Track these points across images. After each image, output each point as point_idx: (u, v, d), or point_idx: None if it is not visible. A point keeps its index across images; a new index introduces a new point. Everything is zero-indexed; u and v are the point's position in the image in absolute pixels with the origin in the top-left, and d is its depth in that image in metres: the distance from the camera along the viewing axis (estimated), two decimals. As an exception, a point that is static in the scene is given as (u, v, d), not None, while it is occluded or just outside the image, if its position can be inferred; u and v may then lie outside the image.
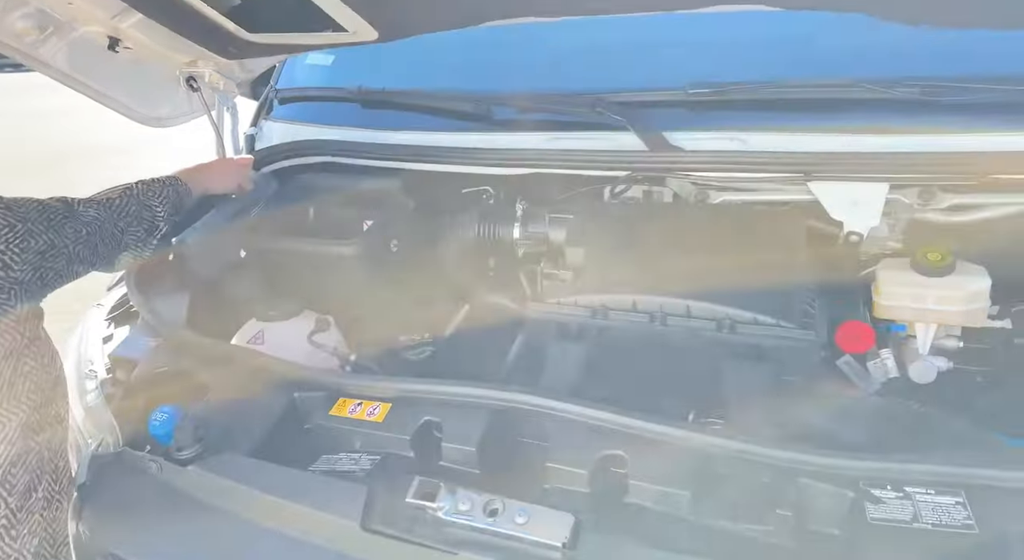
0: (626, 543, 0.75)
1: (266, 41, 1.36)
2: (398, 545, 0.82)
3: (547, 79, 1.61)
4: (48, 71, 1.35)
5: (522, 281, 1.30)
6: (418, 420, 0.96)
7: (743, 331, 1.02)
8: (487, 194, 1.64)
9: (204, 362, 1.11)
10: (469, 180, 1.59)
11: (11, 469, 0.90)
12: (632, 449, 0.84)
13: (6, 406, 0.89)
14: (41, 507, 0.94)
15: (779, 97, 1.31)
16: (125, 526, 0.97)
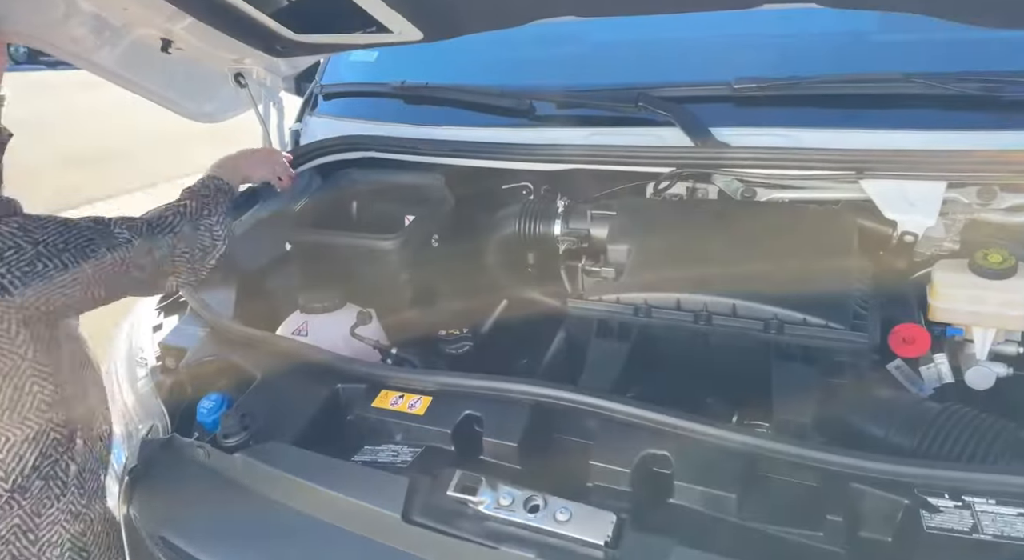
0: (670, 544, 0.74)
1: (311, 41, 1.37)
2: (439, 538, 0.82)
3: (588, 74, 1.60)
4: (104, 73, 1.39)
5: (563, 278, 1.29)
6: (459, 414, 0.96)
7: (791, 332, 1.00)
8: (527, 190, 1.64)
9: (250, 352, 1.13)
10: (510, 176, 1.59)
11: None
12: (677, 449, 0.83)
13: (6, 423, 0.86)
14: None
15: (830, 93, 1.27)
16: (173, 510, 1.00)
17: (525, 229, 1.41)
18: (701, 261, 1.14)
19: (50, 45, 1.26)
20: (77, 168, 7.19)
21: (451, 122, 1.62)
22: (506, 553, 0.78)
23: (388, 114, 1.73)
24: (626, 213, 1.29)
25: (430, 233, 1.40)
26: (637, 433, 0.86)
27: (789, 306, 1.02)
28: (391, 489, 0.86)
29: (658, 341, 1.09)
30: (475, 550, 0.80)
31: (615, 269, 1.19)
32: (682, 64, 1.48)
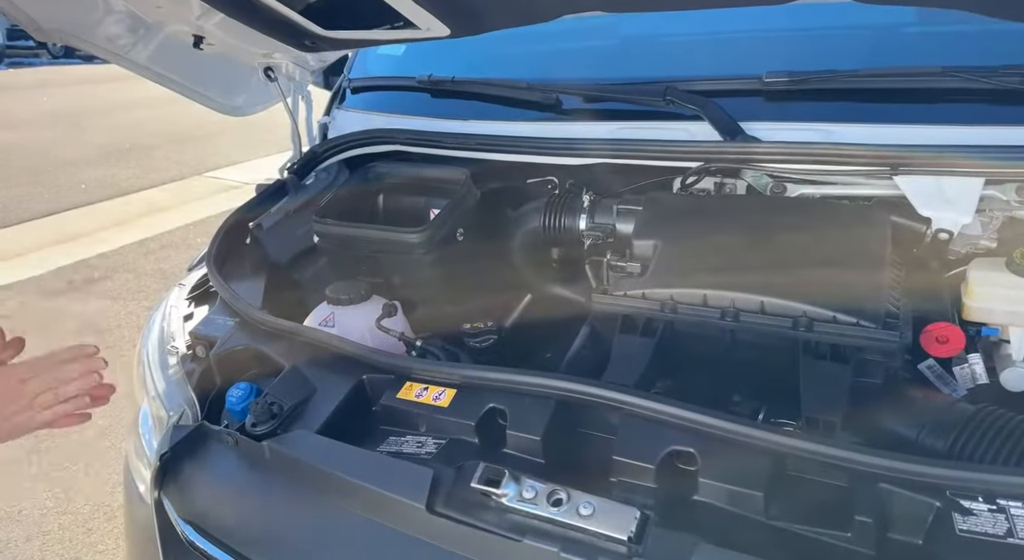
0: (694, 540, 0.73)
1: (339, 37, 1.38)
2: (462, 529, 0.82)
3: (615, 68, 1.59)
4: (138, 69, 1.43)
5: (587, 273, 1.29)
6: (483, 407, 0.96)
7: (821, 330, 0.98)
8: (551, 185, 1.63)
9: (279, 342, 1.15)
10: (535, 170, 1.58)
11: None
12: (702, 446, 0.82)
13: None
14: None
15: (864, 87, 1.25)
16: (202, 496, 1.02)
17: (550, 224, 1.40)
18: (729, 257, 1.13)
19: (88, 43, 1.29)
20: (112, 161, 7.35)
21: (477, 116, 1.62)
22: (529, 546, 0.78)
23: (415, 108, 1.74)
24: (653, 208, 1.28)
25: (455, 227, 1.41)
26: (662, 429, 0.85)
27: (819, 303, 1.00)
28: (416, 480, 0.86)
29: (684, 337, 1.08)
30: (498, 542, 0.80)
31: (641, 264, 1.18)
32: (711, 58, 1.46)
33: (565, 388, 0.91)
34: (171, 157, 7.62)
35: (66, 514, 2.45)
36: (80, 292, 4.27)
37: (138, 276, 4.57)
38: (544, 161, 1.50)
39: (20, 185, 6.38)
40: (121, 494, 2.51)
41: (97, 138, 8.37)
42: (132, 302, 4.17)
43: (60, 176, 6.77)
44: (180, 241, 5.23)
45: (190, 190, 6.57)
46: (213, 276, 1.29)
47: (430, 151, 1.61)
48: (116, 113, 9.69)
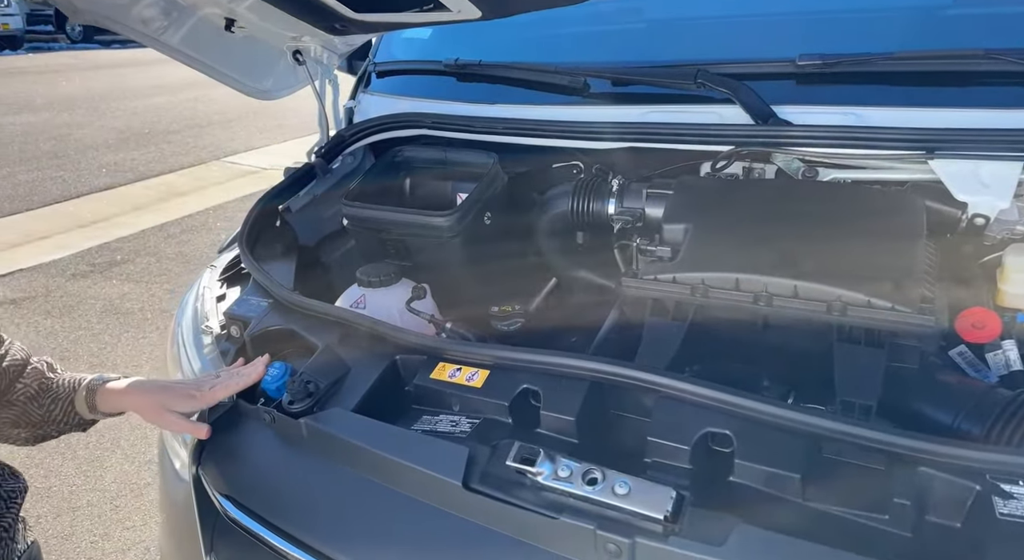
0: (732, 520, 0.74)
1: (370, 20, 1.38)
2: (498, 506, 0.84)
3: (642, 51, 1.58)
4: (169, 52, 1.43)
5: (616, 257, 1.29)
6: (516, 387, 0.97)
7: (855, 314, 0.98)
8: (576, 169, 1.63)
9: (312, 323, 1.16)
10: (560, 154, 1.58)
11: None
12: (738, 428, 0.83)
13: None
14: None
15: (899, 70, 1.23)
16: (239, 472, 1.04)
17: (578, 208, 1.40)
18: (761, 241, 1.12)
19: (122, 25, 1.30)
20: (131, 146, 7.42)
21: (504, 100, 1.62)
22: (565, 523, 0.79)
23: (441, 92, 1.74)
24: (683, 192, 1.28)
25: (483, 211, 1.41)
26: (697, 411, 0.86)
27: (853, 288, 1.00)
28: (452, 458, 0.88)
29: (714, 321, 1.08)
30: (534, 519, 0.81)
31: (671, 249, 1.18)
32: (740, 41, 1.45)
33: (600, 370, 0.91)
34: (189, 142, 7.68)
35: (94, 491, 2.51)
36: (103, 275, 4.33)
37: (159, 259, 4.63)
38: (572, 145, 1.49)
39: (42, 168, 6.46)
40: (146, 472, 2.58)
41: (116, 122, 8.44)
42: (154, 285, 4.23)
43: (80, 160, 6.84)
44: (200, 225, 5.28)
45: (209, 175, 6.62)
46: (246, 258, 1.31)
47: (457, 135, 1.61)
48: (134, 98, 9.77)
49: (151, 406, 1.03)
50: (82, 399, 1.04)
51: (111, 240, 4.92)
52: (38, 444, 1.07)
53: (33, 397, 1.03)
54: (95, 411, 1.05)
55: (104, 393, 1.04)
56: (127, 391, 1.04)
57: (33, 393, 1.03)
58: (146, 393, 1.04)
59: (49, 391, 1.04)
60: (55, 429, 1.05)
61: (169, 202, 5.84)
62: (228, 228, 5.21)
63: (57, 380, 1.05)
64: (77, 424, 1.06)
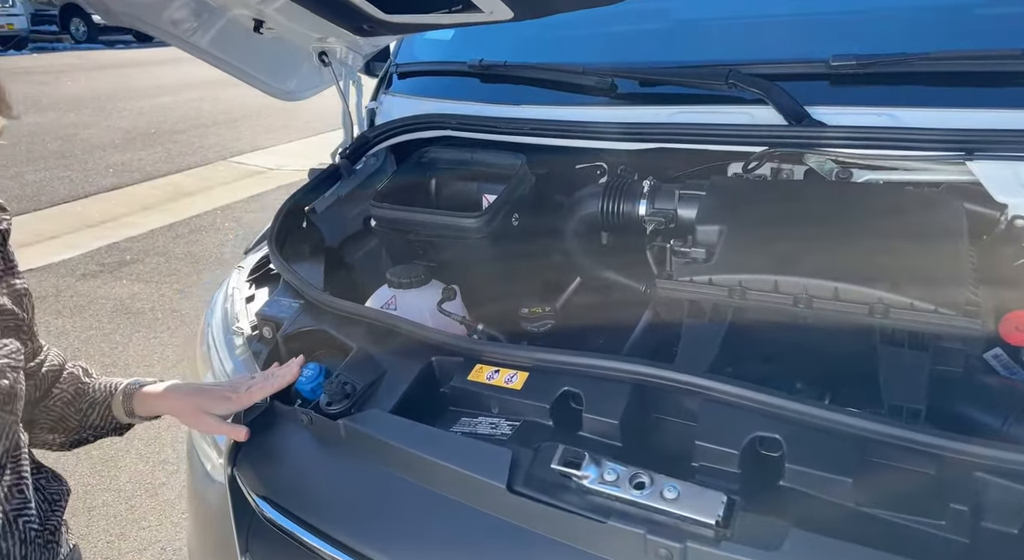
0: (785, 525, 0.73)
1: (400, 21, 1.38)
2: (544, 509, 0.83)
3: (669, 51, 1.58)
4: (198, 53, 1.43)
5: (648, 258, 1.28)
6: (557, 390, 0.97)
7: (898, 317, 0.97)
8: (600, 170, 1.62)
9: (345, 324, 1.15)
10: (586, 155, 1.57)
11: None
12: (788, 432, 0.82)
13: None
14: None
15: (935, 70, 1.22)
16: (276, 473, 1.03)
17: (608, 209, 1.40)
18: (798, 243, 1.12)
19: (152, 27, 1.30)
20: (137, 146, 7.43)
21: (529, 101, 1.61)
22: (614, 527, 0.78)
23: (464, 93, 1.73)
24: (716, 193, 1.27)
25: (512, 212, 1.40)
26: (745, 415, 0.85)
27: (895, 290, 0.99)
28: (495, 460, 0.87)
29: (752, 324, 1.08)
30: (582, 523, 0.81)
31: (705, 250, 1.18)
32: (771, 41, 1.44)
33: (645, 373, 0.91)
34: (195, 142, 7.69)
35: (109, 491, 2.50)
36: (112, 275, 4.33)
37: (169, 260, 4.62)
38: (599, 146, 1.49)
39: (49, 168, 6.47)
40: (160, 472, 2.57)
41: (122, 122, 8.45)
42: (164, 285, 4.22)
43: (87, 160, 6.85)
44: (208, 225, 5.28)
45: (216, 175, 6.62)
46: (276, 259, 1.30)
47: (481, 136, 1.61)
48: (139, 98, 9.78)
49: (188, 409, 1.03)
50: (119, 403, 1.04)
51: (120, 240, 4.92)
52: (73, 450, 1.07)
53: (70, 402, 1.02)
54: (132, 415, 1.04)
55: (141, 397, 1.04)
56: (164, 395, 1.04)
57: (70, 398, 1.02)
58: (183, 396, 1.04)
59: (86, 396, 1.03)
60: (92, 434, 1.05)
61: (177, 202, 5.84)
62: (237, 228, 5.22)
63: (93, 385, 1.05)
64: (114, 429, 1.06)
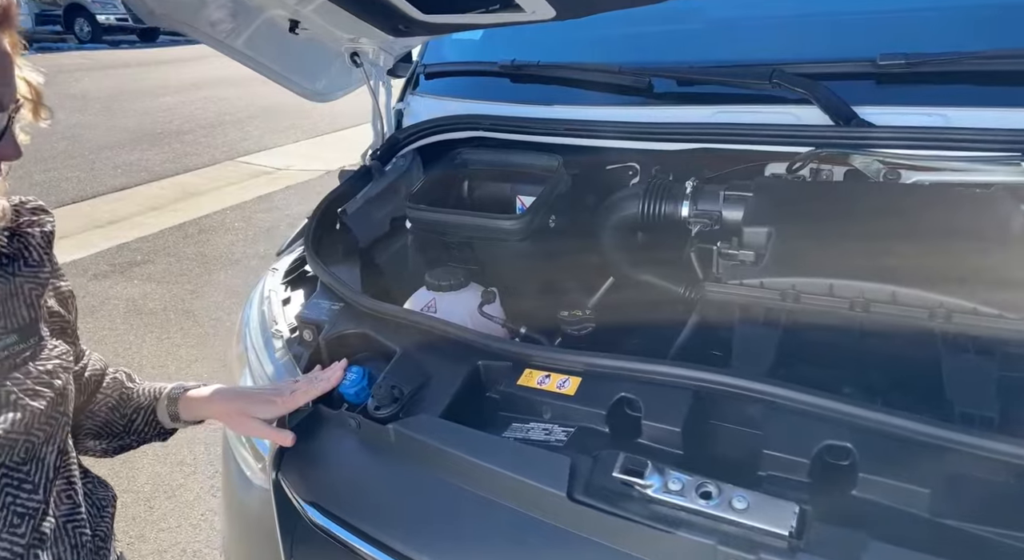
0: (863, 537, 0.71)
1: (437, 21, 1.36)
2: (607, 519, 0.81)
3: (706, 50, 1.56)
4: (233, 54, 1.42)
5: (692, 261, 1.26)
6: (613, 396, 0.95)
7: (961, 321, 0.95)
8: (632, 170, 1.60)
9: (388, 327, 1.14)
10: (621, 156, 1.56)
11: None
12: (859, 440, 0.80)
13: None
14: None
15: (987, 69, 1.20)
16: (323, 477, 1.01)
17: (649, 210, 1.38)
18: (851, 245, 1.10)
19: (192, 28, 1.29)
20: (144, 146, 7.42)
21: (562, 101, 1.59)
22: (682, 538, 0.76)
23: (493, 93, 1.72)
24: (763, 194, 1.25)
25: (549, 214, 1.39)
26: (814, 423, 0.83)
27: (957, 294, 0.97)
28: (554, 467, 0.85)
29: (806, 328, 1.06)
30: (647, 534, 0.78)
31: (754, 253, 1.16)
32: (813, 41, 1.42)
33: (710, 380, 0.88)
34: (202, 142, 7.68)
35: (128, 493, 2.49)
36: (124, 275, 4.31)
37: (179, 260, 4.61)
38: (637, 147, 1.47)
39: (56, 168, 6.46)
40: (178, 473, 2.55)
41: (128, 122, 8.44)
42: (176, 286, 4.21)
43: (95, 160, 6.84)
44: (218, 225, 5.27)
45: (223, 175, 6.60)
46: (314, 262, 1.28)
47: (514, 137, 1.59)
48: (144, 98, 9.77)
49: (233, 413, 1.01)
50: (164, 408, 1.02)
51: (130, 240, 4.91)
52: (116, 456, 1.05)
53: (115, 408, 1.01)
54: (177, 420, 1.03)
55: (186, 401, 1.02)
56: (209, 399, 1.02)
57: (114, 403, 1.01)
58: (227, 400, 1.02)
59: (130, 401, 1.02)
60: (136, 439, 1.03)
61: (185, 202, 5.83)
62: (247, 228, 5.21)
63: (137, 390, 1.03)
64: (158, 434, 1.04)
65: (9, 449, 0.77)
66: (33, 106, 0.78)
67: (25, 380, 0.79)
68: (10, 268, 0.83)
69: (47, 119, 0.81)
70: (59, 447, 0.84)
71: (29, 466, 0.80)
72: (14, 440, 0.77)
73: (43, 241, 0.88)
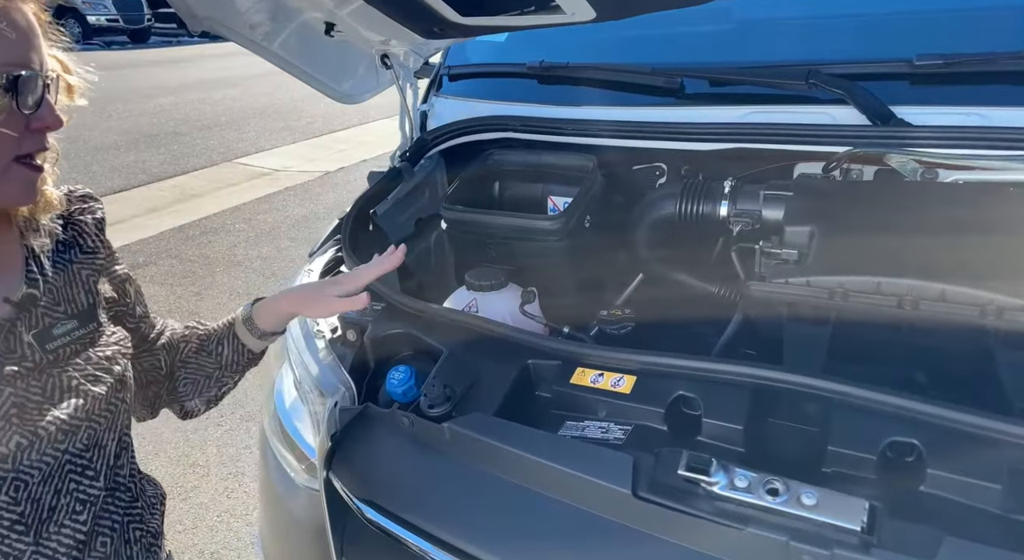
0: (937, 533, 0.72)
1: (474, 23, 1.36)
2: (675, 516, 0.81)
3: (739, 51, 1.56)
4: (269, 56, 1.42)
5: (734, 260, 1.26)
6: (671, 394, 0.95)
7: (1012, 318, 0.96)
8: (659, 171, 1.61)
9: (434, 327, 1.13)
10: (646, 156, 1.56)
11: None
12: (925, 436, 0.80)
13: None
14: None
15: None
16: (378, 475, 1.01)
17: (687, 210, 1.38)
18: (896, 243, 1.10)
19: (232, 31, 1.30)
20: (141, 147, 7.37)
21: (591, 102, 1.60)
22: (753, 535, 0.76)
23: (520, 94, 1.72)
24: (804, 193, 1.26)
25: (585, 214, 1.39)
26: (878, 419, 0.83)
27: (1008, 291, 0.98)
28: (617, 465, 0.85)
29: (854, 326, 1.06)
30: (716, 530, 0.78)
31: (798, 252, 1.16)
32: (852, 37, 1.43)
33: (770, 377, 0.89)
34: (199, 143, 7.63)
35: (141, 497, 2.46)
36: (127, 277, 4.28)
37: (182, 261, 4.58)
38: (669, 147, 1.47)
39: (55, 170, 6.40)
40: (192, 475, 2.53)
41: (124, 124, 8.38)
42: (179, 287, 4.18)
43: (92, 162, 6.78)
44: (219, 227, 5.24)
45: (222, 177, 6.57)
46: (352, 263, 1.28)
47: (545, 138, 1.59)
48: (139, 100, 9.70)
49: (309, 298, 1.04)
50: (243, 330, 1.03)
51: (131, 242, 4.87)
52: (220, 404, 1.08)
53: (199, 349, 1.03)
54: (261, 335, 1.04)
55: (260, 313, 1.04)
56: (280, 297, 1.05)
57: (197, 346, 1.04)
58: (299, 290, 1.09)
59: (211, 338, 1.04)
60: (229, 373, 1.05)
61: (185, 204, 5.80)
62: (248, 230, 5.18)
63: (210, 327, 1.06)
64: (249, 360, 1.06)
65: (72, 435, 0.77)
66: (67, 85, 0.78)
67: (86, 366, 0.80)
68: (67, 255, 0.84)
69: (82, 98, 0.81)
70: (119, 435, 0.84)
71: (91, 453, 0.80)
72: (76, 426, 0.77)
73: (96, 227, 0.90)
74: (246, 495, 2.47)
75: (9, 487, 0.73)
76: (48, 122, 0.74)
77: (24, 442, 0.73)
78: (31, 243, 0.81)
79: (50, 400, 0.76)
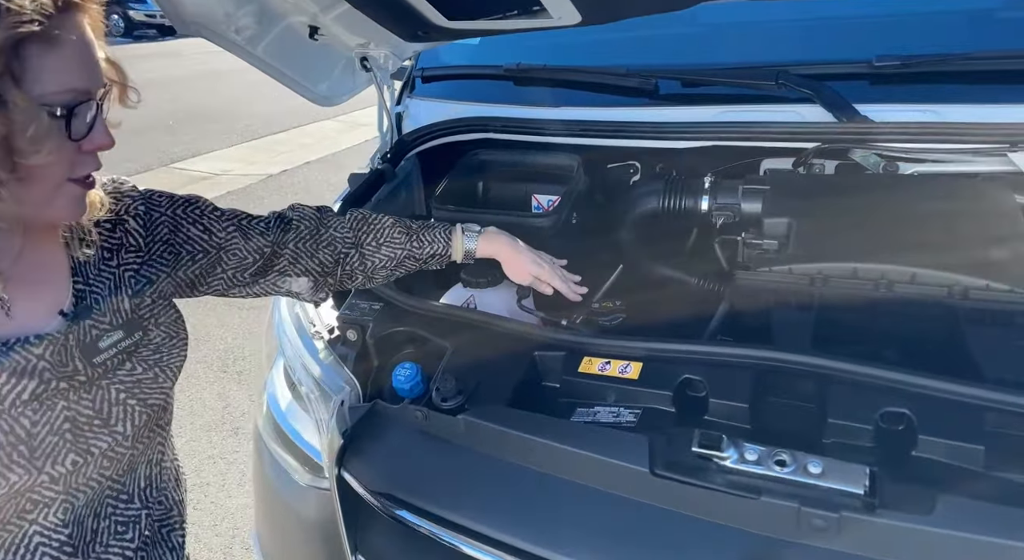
0: (932, 492, 0.78)
1: (459, 27, 1.38)
2: (692, 490, 0.85)
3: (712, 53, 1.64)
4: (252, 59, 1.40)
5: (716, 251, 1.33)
6: (677, 378, 1.00)
7: (976, 297, 1.05)
8: (633, 169, 1.67)
9: (436, 324, 1.15)
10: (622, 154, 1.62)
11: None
12: (915, 406, 0.88)
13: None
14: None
15: (975, 69, 1.33)
16: (394, 469, 1.02)
17: (669, 205, 1.44)
18: (868, 231, 1.19)
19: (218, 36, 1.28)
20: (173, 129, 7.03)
21: (568, 103, 1.64)
22: (767, 503, 0.82)
23: (496, 95, 1.75)
24: (780, 187, 1.33)
25: (572, 211, 1.43)
26: (870, 392, 0.90)
27: (971, 273, 1.07)
28: (633, 446, 0.89)
29: (837, 309, 1.14)
30: (732, 501, 0.83)
31: (778, 242, 1.23)
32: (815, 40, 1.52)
33: (772, 358, 0.95)
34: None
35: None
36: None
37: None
38: (646, 145, 1.53)
39: None
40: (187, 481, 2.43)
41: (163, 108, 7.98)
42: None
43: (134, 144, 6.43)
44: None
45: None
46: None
47: (524, 138, 1.62)
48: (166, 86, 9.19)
49: (520, 262, 1.24)
50: (460, 254, 1.20)
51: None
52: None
53: (405, 258, 1.16)
54: (469, 257, 1.21)
55: (485, 242, 1.21)
56: (499, 245, 1.24)
57: (405, 254, 1.16)
58: (515, 250, 1.25)
59: (422, 247, 1.17)
60: (421, 264, 1.19)
61: (127, 212, 5.56)
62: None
63: (423, 236, 1.18)
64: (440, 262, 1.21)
65: (117, 462, 0.75)
66: (120, 89, 0.75)
67: (132, 382, 0.78)
68: (113, 261, 0.81)
69: (136, 101, 0.77)
70: (156, 459, 0.83)
71: (125, 478, 0.79)
72: (121, 454, 0.76)
73: (139, 224, 0.85)
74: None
75: (58, 509, 0.72)
76: (101, 144, 0.71)
77: (80, 460, 0.72)
78: (76, 254, 0.78)
79: (99, 415, 0.74)
